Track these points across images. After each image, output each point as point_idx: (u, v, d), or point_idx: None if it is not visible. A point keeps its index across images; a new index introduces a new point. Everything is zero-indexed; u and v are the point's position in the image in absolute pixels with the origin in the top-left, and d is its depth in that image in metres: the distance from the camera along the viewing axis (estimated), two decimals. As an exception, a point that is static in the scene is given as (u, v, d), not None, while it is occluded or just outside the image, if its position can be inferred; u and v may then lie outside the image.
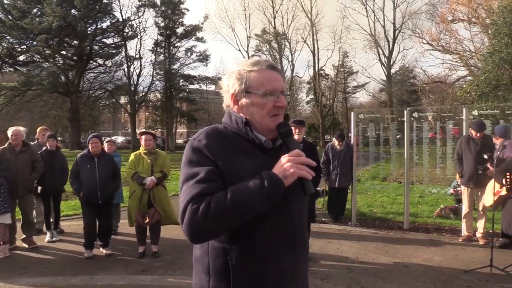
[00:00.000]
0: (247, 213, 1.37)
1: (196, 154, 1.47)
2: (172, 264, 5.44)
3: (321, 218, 8.03)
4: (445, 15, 31.01)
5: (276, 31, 43.89)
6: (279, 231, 1.48)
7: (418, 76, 43.78)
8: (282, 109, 1.55)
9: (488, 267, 4.97)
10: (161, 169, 5.79)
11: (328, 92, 49.89)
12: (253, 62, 1.57)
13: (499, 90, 17.81)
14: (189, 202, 1.39)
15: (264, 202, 1.37)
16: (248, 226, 1.42)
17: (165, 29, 40.41)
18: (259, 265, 1.45)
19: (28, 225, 6.36)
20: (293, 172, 1.38)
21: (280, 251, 1.48)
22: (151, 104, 43.58)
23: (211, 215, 1.34)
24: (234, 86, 1.56)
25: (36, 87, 34.68)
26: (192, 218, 1.36)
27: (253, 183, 1.37)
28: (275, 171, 1.41)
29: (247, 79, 1.54)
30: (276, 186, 1.37)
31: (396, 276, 5.01)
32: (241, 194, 1.36)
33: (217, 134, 1.53)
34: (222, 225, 1.38)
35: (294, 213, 1.53)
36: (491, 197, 5.42)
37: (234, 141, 1.51)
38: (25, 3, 35.38)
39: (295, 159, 1.41)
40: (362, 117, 8.30)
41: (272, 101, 1.51)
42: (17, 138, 6.18)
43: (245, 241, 1.45)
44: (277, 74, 1.57)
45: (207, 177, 1.41)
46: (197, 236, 1.40)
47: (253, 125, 1.54)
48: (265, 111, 1.52)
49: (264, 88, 1.51)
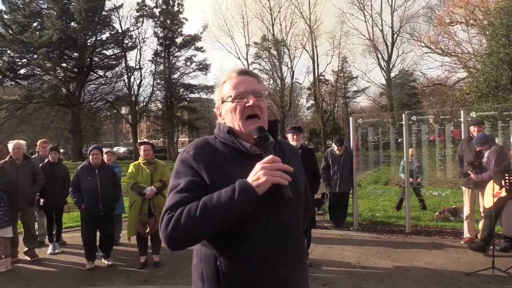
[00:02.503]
0: (218, 221, 1.40)
1: (183, 166, 1.55)
2: (173, 273, 5.44)
3: (323, 223, 8.02)
4: (443, 18, 31.09)
5: (275, 38, 44.06)
6: (269, 237, 1.48)
7: (418, 79, 43.74)
8: (257, 109, 1.57)
9: (490, 269, 4.96)
10: (160, 179, 5.82)
11: (329, 97, 49.93)
12: (228, 73, 1.67)
13: (498, 90, 17.82)
14: (166, 211, 1.45)
15: (234, 211, 1.39)
16: (237, 233, 1.45)
17: (164, 39, 40.61)
18: (249, 271, 1.46)
19: (30, 238, 6.37)
20: (265, 179, 1.39)
21: (270, 257, 1.49)
22: (152, 114, 43.66)
23: (182, 224, 1.39)
24: (216, 99, 1.68)
25: (38, 100, 34.85)
26: (166, 227, 1.42)
27: (225, 192, 1.40)
28: (248, 179, 1.42)
29: (222, 89, 1.64)
30: (247, 195, 1.38)
31: (398, 280, 5.00)
32: (212, 204, 1.39)
33: (206, 145, 1.59)
34: (193, 233, 1.41)
35: (285, 217, 1.53)
36: (490, 198, 5.41)
37: (221, 151, 1.56)
38: (25, 17, 35.68)
39: (269, 166, 1.41)
40: (361, 121, 8.32)
41: (242, 102, 1.57)
42: (18, 152, 6.21)
43: (235, 247, 1.47)
44: (246, 77, 1.62)
45: (186, 187, 1.47)
46: (172, 243, 1.44)
47: (237, 133, 1.59)
48: (238, 114, 1.57)
49: (232, 93, 1.58)
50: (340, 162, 7.90)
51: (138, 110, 40.49)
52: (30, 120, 39.97)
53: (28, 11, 35.86)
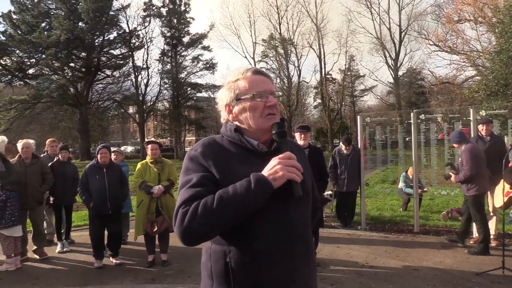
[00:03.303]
0: (234, 214, 1.41)
1: (192, 163, 1.55)
2: (181, 272, 5.45)
3: (330, 223, 7.99)
4: (451, 16, 30.84)
5: (282, 36, 43.98)
6: (278, 233, 1.49)
7: (426, 78, 43.49)
8: (275, 109, 1.59)
9: (500, 269, 4.91)
10: (168, 178, 5.83)
11: (336, 96, 49.79)
12: (239, 72, 1.65)
13: (508, 88, 17.62)
14: (180, 206, 1.45)
15: (250, 203, 1.40)
16: (246, 229, 1.46)
17: (171, 39, 40.70)
18: (258, 268, 1.47)
19: (39, 236, 6.42)
20: (282, 174, 1.42)
21: (279, 253, 1.49)
22: (159, 113, 43.80)
23: (198, 217, 1.39)
24: (226, 97, 1.64)
25: (46, 100, 35.10)
26: (182, 220, 1.42)
27: (240, 185, 1.41)
28: (264, 173, 1.44)
29: (236, 87, 1.61)
30: (264, 188, 1.40)
31: (407, 280, 4.96)
32: (228, 196, 1.40)
33: (213, 143, 1.60)
34: (210, 226, 1.41)
35: (293, 216, 1.54)
36: (501, 198, 5.36)
37: (228, 149, 1.57)
38: (33, 18, 35.94)
39: (286, 161, 1.44)
40: (368, 120, 8.27)
41: (262, 101, 1.56)
42: (27, 151, 6.27)
43: (243, 244, 1.48)
44: (263, 78, 1.63)
45: (199, 182, 1.48)
46: (187, 238, 1.44)
47: (246, 131, 1.59)
48: (257, 113, 1.57)
49: (251, 91, 1.57)
50: (347, 161, 7.87)
51: (146, 110, 40.64)
52: (39, 119, 40.30)
53: (37, 11, 36.12)
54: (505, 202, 5.27)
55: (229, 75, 1.70)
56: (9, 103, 34.95)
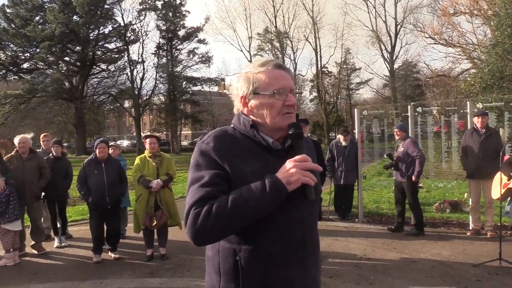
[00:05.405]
0: (248, 217, 1.39)
1: (203, 157, 1.49)
2: (180, 266, 5.46)
3: (328, 215, 8.02)
4: (447, 8, 30.78)
5: (278, 30, 43.85)
6: (289, 234, 1.48)
7: (422, 71, 43.51)
8: (293, 108, 1.53)
9: (497, 260, 4.95)
10: (166, 172, 5.82)
11: (332, 89, 49.80)
12: (260, 63, 1.56)
13: (503, 81, 17.66)
14: (192, 206, 1.41)
15: (265, 206, 1.38)
16: (258, 228, 1.44)
17: (167, 32, 40.44)
18: (268, 267, 1.46)
19: (37, 231, 6.40)
20: (297, 178, 1.38)
21: (289, 254, 1.48)
22: (155, 107, 43.61)
23: (211, 219, 1.36)
24: (242, 89, 1.56)
25: (41, 94, 34.93)
26: (194, 221, 1.39)
27: (255, 187, 1.38)
28: (279, 176, 1.40)
29: (255, 80, 1.53)
30: (278, 192, 1.38)
31: (405, 272, 5.00)
32: (242, 199, 1.37)
33: (225, 136, 1.53)
34: (223, 228, 1.40)
35: (305, 216, 1.53)
36: (498, 189, 5.39)
37: (241, 142, 1.51)
38: (27, 11, 35.66)
39: (301, 164, 1.40)
40: (366, 113, 8.28)
41: (281, 100, 1.50)
42: (24, 146, 6.23)
43: (255, 243, 1.46)
44: (284, 73, 1.55)
45: (211, 181, 1.43)
46: (199, 239, 1.41)
47: (261, 127, 1.53)
48: (275, 111, 1.50)
49: (271, 88, 1.50)
50: (345, 154, 7.88)
51: (141, 104, 40.51)
52: (34, 114, 40.10)
53: (31, 4, 35.83)
54: (503, 194, 5.29)
55: (248, 66, 1.60)
56: (3, 98, 34.79)
